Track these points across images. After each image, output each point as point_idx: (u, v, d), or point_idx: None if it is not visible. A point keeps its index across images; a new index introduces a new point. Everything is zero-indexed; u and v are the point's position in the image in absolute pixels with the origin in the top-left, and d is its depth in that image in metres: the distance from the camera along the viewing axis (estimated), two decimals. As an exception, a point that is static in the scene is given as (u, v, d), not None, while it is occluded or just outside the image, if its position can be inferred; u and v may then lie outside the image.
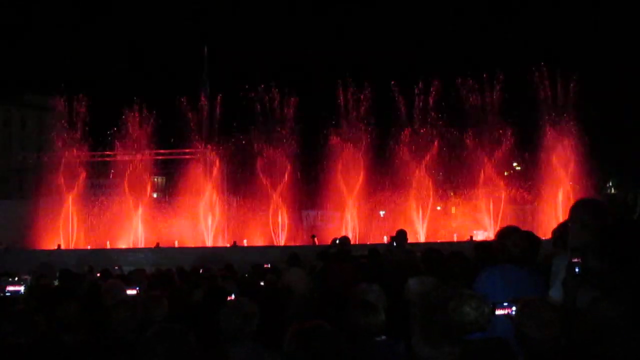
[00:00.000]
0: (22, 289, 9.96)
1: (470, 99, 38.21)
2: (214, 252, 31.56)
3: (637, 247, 4.84)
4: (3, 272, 16.10)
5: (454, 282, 7.01)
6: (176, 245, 36.82)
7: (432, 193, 38.61)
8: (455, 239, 35.72)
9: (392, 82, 39.02)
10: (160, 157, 41.26)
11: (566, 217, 6.01)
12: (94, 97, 39.74)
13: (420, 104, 38.87)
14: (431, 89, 38.59)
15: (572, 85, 37.10)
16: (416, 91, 38.88)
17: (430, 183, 38.58)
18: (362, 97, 38.98)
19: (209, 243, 37.52)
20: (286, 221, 38.83)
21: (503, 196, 37.89)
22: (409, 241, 13.49)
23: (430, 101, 38.61)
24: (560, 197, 36.22)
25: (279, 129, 39.32)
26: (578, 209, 5.58)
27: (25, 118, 61.64)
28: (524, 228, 7.09)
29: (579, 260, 4.85)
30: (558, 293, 5.31)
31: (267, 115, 39.41)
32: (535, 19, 62.23)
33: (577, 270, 4.83)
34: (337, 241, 12.97)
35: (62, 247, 35.94)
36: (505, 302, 5.17)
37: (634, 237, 4.88)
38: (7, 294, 9.53)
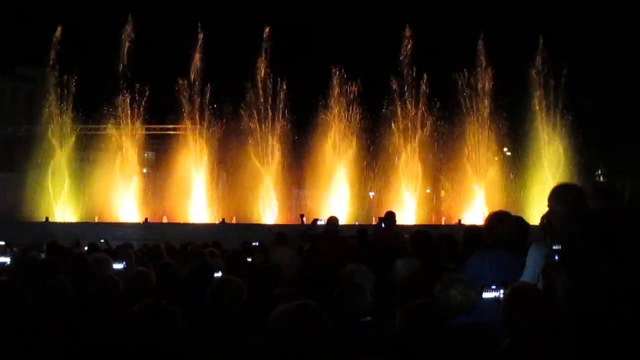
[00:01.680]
0: (8, 260, 9.94)
1: (462, 83, 38.30)
2: (202, 229, 31.58)
3: (616, 235, 4.86)
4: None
5: (441, 265, 7.02)
6: (164, 221, 36.81)
7: (421, 175, 38.68)
8: (443, 222, 35.87)
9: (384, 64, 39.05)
10: (150, 132, 41.12)
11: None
12: (85, 70, 39.55)
13: (412, 87, 38.86)
14: (423, 74, 38.63)
15: (563, 71, 37.14)
16: (407, 74, 38.86)
17: (420, 165, 38.63)
18: (353, 79, 39.01)
19: (198, 220, 37.51)
20: (275, 200, 38.85)
21: (492, 180, 37.99)
22: (397, 223, 13.48)
23: (422, 84, 38.60)
24: (549, 182, 36.32)
25: (269, 107, 39.30)
26: (549, 196, 5.63)
27: (16, 90, 61.18)
28: (513, 213, 7.10)
29: (559, 247, 4.87)
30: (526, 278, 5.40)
31: (258, 93, 39.34)
32: (527, 4, 62.09)
33: (556, 257, 4.85)
34: (319, 221, 12.94)
35: (50, 220, 35.88)
36: (494, 285, 5.19)
37: (613, 225, 4.90)
38: (-6, 265, 9.50)
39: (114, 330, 4.92)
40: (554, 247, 4.87)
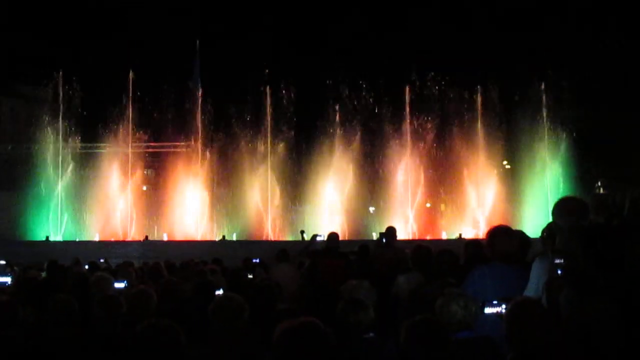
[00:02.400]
0: (9, 280, 9.91)
1: (462, 97, 38.41)
2: (202, 246, 31.53)
3: (618, 248, 4.86)
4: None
5: (442, 280, 7.00)
6: (165, 238, 36.77)
7: (421, 190, 38.68)
8: (444, 237, 35.83)
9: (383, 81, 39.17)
10: (150, 150, 41.17)
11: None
12: (84, 89, 39.65)
13: (412, 103, 38.94)
14: (421, 87, 38.72)
15: (562, 85, 37.20)
16: (408, 89, 38.96)
17: (421, 180, 38.64)
18: (353, 94, 39.11)
19: (198, 237, 37.47)
20: (275, 216, 38.81)
21: (493, 194, 37.98)
22: (398, 238, 13.43)
23: (421, 99, 38.69)
24: (549, 195, 36.32)
25: (269, 123, 39.37)
26: (553, 209, 5.63)
27: (15, 108, 61.22)
28: (514, 227, 7.11)
29: (561, 261, 4.86)
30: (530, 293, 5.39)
31: (258, 108, 39.43)
32: (527, 17, 62.45)
33: (559, 271, 4.83)
34: (318, 237, 12.92)
35: (50, 238, 35.84)
36: (495, 300, 5.17)
37: (615, 239, 4.90)
38: (-6, 285, 9.48)
39: (117, 349, 4.92)
40: (557, 261, 4.86)
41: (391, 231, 12.81)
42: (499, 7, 67.08)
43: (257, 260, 15.58)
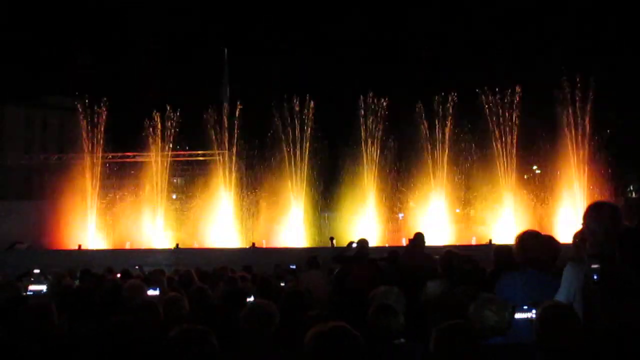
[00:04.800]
0: (44, 288, 10.08)
1: (492, 103, 38.19)
2: (232, 254, 31.67)
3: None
4: (25, 271, 16.30)
5: (466, 286, 6.99)
6: (195, 246, 36.99)
7: (451, 196, 38.48)
8: (474, 242, 35.60)
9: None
10: (180, 159, 41.47)
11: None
12: (115, 99, 40.11)
13: (440, 108, 38.81)
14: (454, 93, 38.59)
15: (591, 88, 36.82)
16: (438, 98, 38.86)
17: (450, 186, 38.44)
18: (382, 100, 39.11)
19: (228, 244, 37.62)
20: (305, 223, 38.85)
21: (522, 200, 37.66)
22: (427, 244, 13.40)
23: (449, 105, 38.55)
24: (580, 200, 35.98)
25: (299, 131, 39.46)
26: (584, 214, 5.57)
27: (47, 119, 62.00)
28: (544, 232, 7.06)
29: (598, 266, 4.81)
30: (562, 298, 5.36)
31: (286, 120, 39.57)
32: (552, 23, 61.99)
33: (595, 277, 4.79)
34: (354, 244, 12.97)
35: (83, 247, 36.21)
36: (525, 306, 5.15)
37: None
38: (30, 293, 9.64)
39: (150, 355, 4.98)
40: (593, 266, 4.81)
41: (419, 237, 12.79)
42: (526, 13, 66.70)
43: (294, 267, 15.66)
